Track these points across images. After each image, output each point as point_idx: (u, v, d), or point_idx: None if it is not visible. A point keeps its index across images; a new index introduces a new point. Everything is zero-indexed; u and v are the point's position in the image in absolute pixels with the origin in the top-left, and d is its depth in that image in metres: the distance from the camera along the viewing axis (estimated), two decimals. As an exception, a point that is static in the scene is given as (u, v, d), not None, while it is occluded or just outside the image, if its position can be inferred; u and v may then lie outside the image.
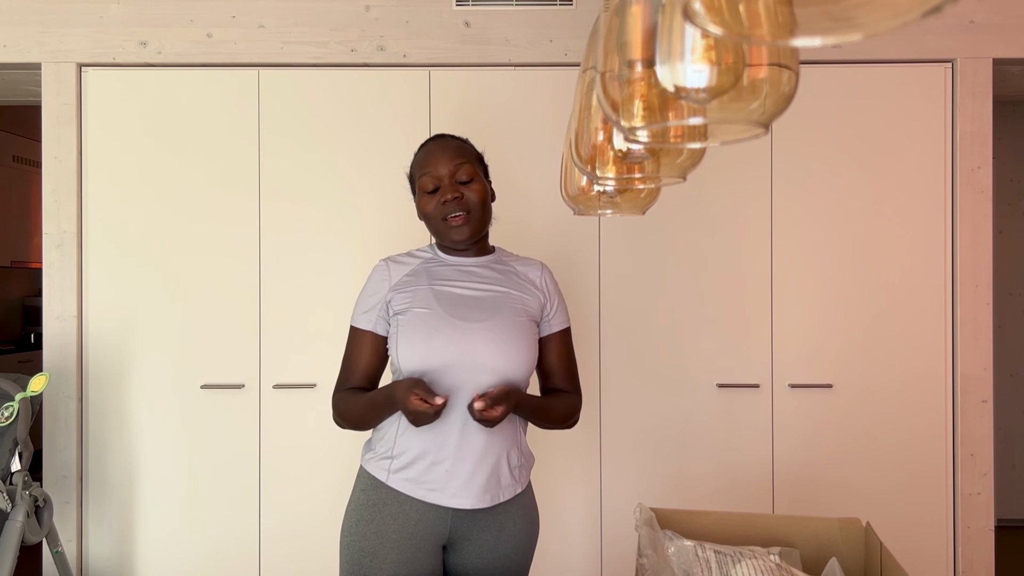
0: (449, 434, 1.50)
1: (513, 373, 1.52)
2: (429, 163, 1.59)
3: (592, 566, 2.70)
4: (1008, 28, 2.67)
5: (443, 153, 1.58)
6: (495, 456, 1.53)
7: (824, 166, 2.71)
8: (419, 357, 1.49)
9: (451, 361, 1.49)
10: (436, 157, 1.58)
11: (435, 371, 1.49)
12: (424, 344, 1.49)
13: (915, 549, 2.64)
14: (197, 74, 2.71)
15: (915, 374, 2.69)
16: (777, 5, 0.46)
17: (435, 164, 1.58)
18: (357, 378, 1.58)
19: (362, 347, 1.58)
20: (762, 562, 1.32)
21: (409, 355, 1.50)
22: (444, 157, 1.58)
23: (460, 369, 1.49)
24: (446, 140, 1.63)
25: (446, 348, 1.49)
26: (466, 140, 1.67)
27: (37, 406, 2.42)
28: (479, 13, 2.71)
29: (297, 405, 2.68)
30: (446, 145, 1.61)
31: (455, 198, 1.55)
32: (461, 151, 1.61)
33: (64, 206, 2.68)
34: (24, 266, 5.38)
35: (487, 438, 1.51)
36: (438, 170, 1.57)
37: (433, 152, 1.60)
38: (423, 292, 1.55)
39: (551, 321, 1.65)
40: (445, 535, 1.54)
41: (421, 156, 1.62)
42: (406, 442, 1.52)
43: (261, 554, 2.67)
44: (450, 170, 1.57)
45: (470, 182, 1.58)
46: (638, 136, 0.77)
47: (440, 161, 1.57)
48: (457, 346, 1.49)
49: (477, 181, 1.59)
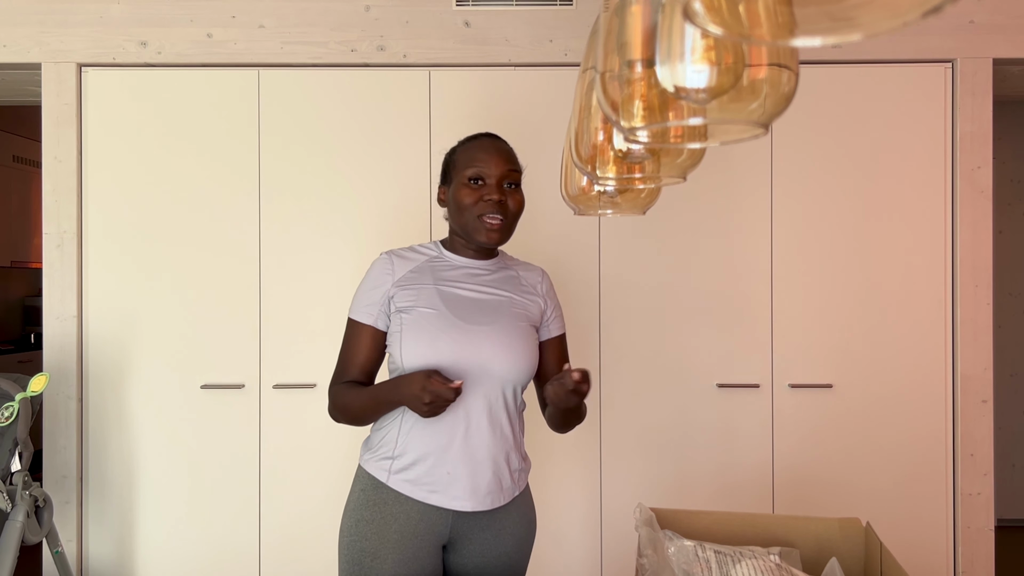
0: (453, 437, 1.50)
1: (515, 377, 1.53)
2: (484, 158, 1.55)
3: (592, 566, 2.70)
4: (1008, 28, 2.67)
5: (499, 153, 1.56)
6: (497, 459, 1.53)
7: (824, 166, 2.71)
8: (423, 358, 1.49)
9: (455, 363, 1.49)
10: (492, 154, 1.56)
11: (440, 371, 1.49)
12: (429, 345, 1.49)
13: (915, 549, 2.64)
14: (197, 74, 2.71)
15: (915, 374, 2.69)
16: (777, 5, 0.46)
17: (489, 160, 1.55)
18: (355, 372, 1.56)
19: (361, 340, 1.56)
20: (762, 562, 1.32)
21: (413, 356, 1.49)
22: (500, 157, 1.56)
23: (464, 372, 1.49)
24: (502, 142, 1.61)
25: (451, 350, 1.49)
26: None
27: (37, 406, 2.42)
28: (479, 13, 2.71)
29: (297, 405, 2.68)
30: (503, 147, 1.59)
31: (500, 201, 1.53)
32: (514, 159, 1.60)
33: (64, 206, 2.68)
34: (24, 266, 5.38)
35: (490, 441, 1.51)
36: (491, 168, 1.54)
37: (489, 148, 1.57)
38: (428, 291, 1.54)
39: (549, 326, 1.66)
40: (446, 535, 1.54)
41: (475, 147, 1.58)
42: (409, 443, 1.52)
43: (261, 554, 2.67)
44: (503, 172, 1.55)
45: (516, 190, 1.57)
46: (638, 136, 0.77)
47: (495, 159, 1.55)
48: (462, 349, 1.49)
49: (520, 192, 1.59)
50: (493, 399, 1.52)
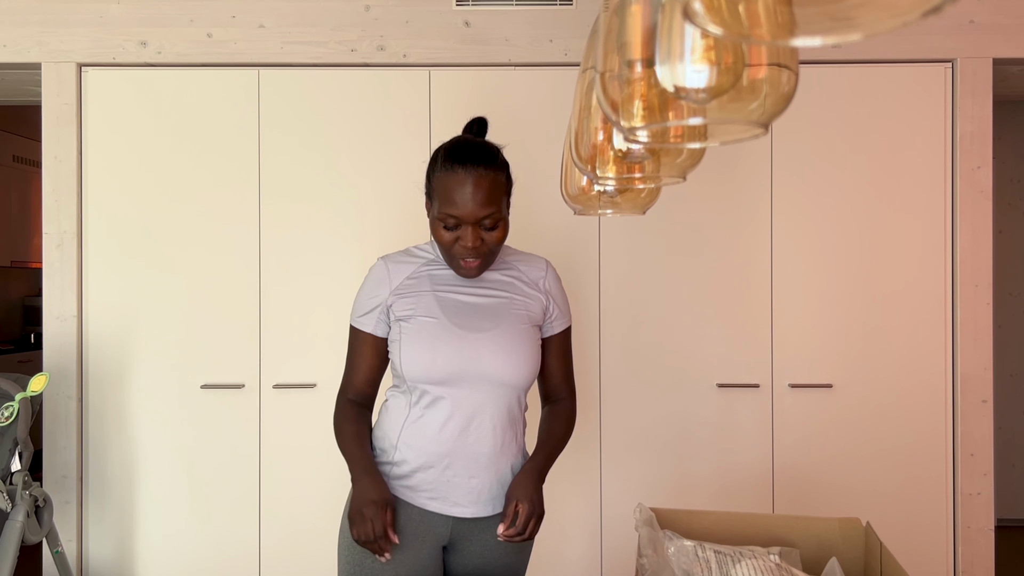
0: (454, 445, 1.49)
1: (518, 382, 1.51)
2: (459, 202, 1.43)
3: (592, 566, 2.70)
4: (1008, 28, 2.67)
5: (474, 197, 1.42)
6: (500, 465, 1.52)
7: (824, 166, 2.71)
8: (423, 368, 1.48)
9: (456, 372, 1.47)
10: (467, 199, 1.42)
11: (440, 381, 1.48)
12: (429, 355, 1.48)
13: (915, 549, 2.64)
14: (197, 74, 2.71)
15: (915, 374, 2.69)
16: (777, 5, 0.46)
17: (465, 205, 1.42)
18: (360, 378, 1.57)
19: (363, 348, 1.56)
20: (762, 562, 1.32)
21: (413, 366, 1.48)
22: (475, 203, 1.42)
23: (465, 379, 1.48)
24: (480, 175, 1.43)
25: (451, 359, 1.47)
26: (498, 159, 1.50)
27: (37, 406, 2.42)
28: (479, 13, 2.71)
29: (297, 405, 2.68)
30: (480, 184, 1.43)
31: (475, 247, 1.45)
32: (493, 197, 1.44)
33: (64, 206, 2.68)
34: (24, 266, 5.38)
35: (492, 448, 1.50)
36: (466, 213, 1.43)
37: (465, 192, 1.42)
38: (427, 299, 1.52)
39: (553, 323, 1.61)
40: (446, 536, 1.54)
41: (453, 182, 1.44)
42: (408, 452, 1.51)
43: (261, 554, 2.67)
44: (478, 217, 1.43)
45: (495, 228, 1.47)
46: (638, 136, 0.77)
47: (470, 207, 1.42)
48: (462, 357, 1.48)
49: (502, 223, 1.48)
50: (495, 405, 1.50)
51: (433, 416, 1.49)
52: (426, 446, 1.49)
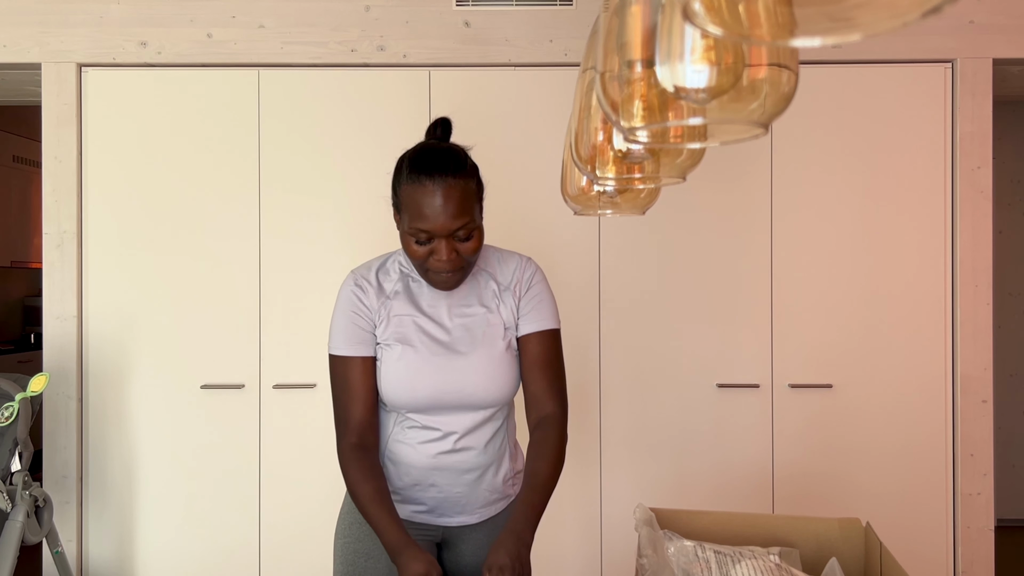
0: (440, 464, 1.47)
1: (500, 401, 1.49)
2: (429, 216, 1.33)
3: (592, 566, 2.70)
4: (1008, 28, 2.67)
5: (445, 209, 1.33)
6: (487, 477, 1.51)
7: (824, 166, 2.71)
8: (404, 399, 1.44)
9: (437, 399, 1.45)
10: (437, 213, 1.33)
11: (422, 409, 1.46)
12: (408, 385, 1.44)
13: (915, 549, 2.64)
14: (197, 74, 2.71)
15: (915, 374, 2.69)
16: (777, 5, 0.46)
17: (434, 220, 1.33)
18: (358, 412, 1.44)
19: (353, 375, 1.45)
20: (762, 562, 1.32)
21: (393, 396, 1.45)
22: (446, 215, 1.33)
23: (446, 405, 1.45)
24: (449, 186, 1.34)
25: (431, 387, 1.44)
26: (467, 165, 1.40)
27: (37, 406, 2.42)
28: (479, 13, 2.71)
29: (297, 405, 2.68)
30: (450, 196, 1.33)
31: (450, 259, 1.36)
32: (464, 207, 1.35)
33: (64, 206, 2.68)
34: (24, 266, 5.38)
35: (480, 462, 1.48)
36: (437, 227, 1.34)
37: (435, 204, 1.33)
38: (405, 325, 1.46)
39: (522, 321, 1.49)
40: (439, 535, 1.55)
41: (420, 194, 1.34)
42: (395, 472, 1.50)
43: (261, 553, 2.67)
44: (451, 230, 1.34)
45: (469, 238, 1.37)
46: (638, 136, 0.77)
47: (441, 220, 1.33)
48: (443, 383, 1.44)
49: (476, 232, 1.38)
50: (478, 423, 1.48)
51: (417, 436, 1.47)
52: (411, 463, 1.48)
